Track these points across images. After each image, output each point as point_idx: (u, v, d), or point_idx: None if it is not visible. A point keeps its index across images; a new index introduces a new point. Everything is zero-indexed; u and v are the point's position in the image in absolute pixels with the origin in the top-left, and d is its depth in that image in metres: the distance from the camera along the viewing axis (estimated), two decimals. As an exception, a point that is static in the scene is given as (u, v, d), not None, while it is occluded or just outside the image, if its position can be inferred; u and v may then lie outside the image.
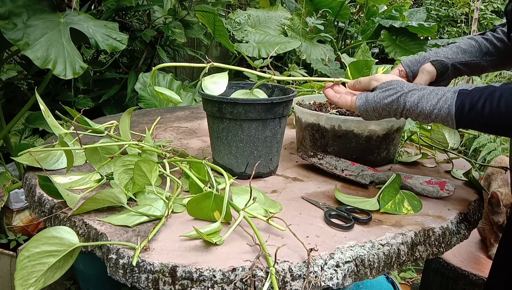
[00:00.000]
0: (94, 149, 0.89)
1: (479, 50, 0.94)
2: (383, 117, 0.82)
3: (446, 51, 0.95)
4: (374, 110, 0.81)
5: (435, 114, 0.74)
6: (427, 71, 0.92)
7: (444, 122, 0.75)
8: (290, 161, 1.06)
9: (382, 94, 0.80)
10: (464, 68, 0.95)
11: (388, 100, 0.79)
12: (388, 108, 0.79)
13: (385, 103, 0.79)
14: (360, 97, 0.83)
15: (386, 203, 0.81)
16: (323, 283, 0.62)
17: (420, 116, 0.76)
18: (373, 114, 0.82)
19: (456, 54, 0.94)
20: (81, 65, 1.43)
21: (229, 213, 0.71)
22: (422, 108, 0.75)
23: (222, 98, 0.86)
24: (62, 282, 1.79)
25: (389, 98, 0.79)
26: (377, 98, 0.81)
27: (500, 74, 3.53)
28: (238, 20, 3.32)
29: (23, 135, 2.01)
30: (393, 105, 0.78)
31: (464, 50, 0.95)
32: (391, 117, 0.81)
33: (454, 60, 0.94)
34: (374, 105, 0.81)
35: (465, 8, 6.89)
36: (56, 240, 0.64)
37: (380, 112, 0.81)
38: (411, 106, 0.76)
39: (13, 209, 1.81)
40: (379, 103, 0.80)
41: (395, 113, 0.79)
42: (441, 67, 0.92)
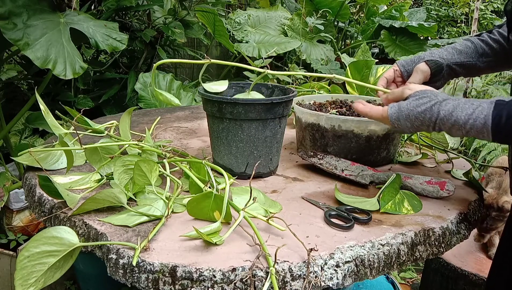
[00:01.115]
0: (94, 149, 0.89)
1: (475, 51, 0.94)
2: (415, 128, 0.78)
3: (441, 52, 0.95)
4: (406, 119, 0.77)
5: (470, 124, 0.71)
6: (421, 70, 0.92)
7: (479, 134, 0.71)
8: (290, 161, 1.06)
9: (416, 102, 0.77)
10: (460, 69, 0.95)
11: (421, 108, 0.76)
12: (421, 117, 0.76)
13: (418, 112, 0.76)
14: (393, 105, 0.80)
15: (386, 203, 0.81)
16: (323, 283, 0.62)
17: (454, 126, 0.73)
18: (405, 124, 0.78)
19: (452, 55, 0.94)
20: (81, 65, 1.43)
21: (229, 213, 0.71)
22: (456, 117, 0.72)
23: (222, 98, 0.86)
24: (62, 282, 1.79)
25: (422, 106, 0.76)
26: (410, 106, 0.77)
27: (500, 74, 3.54)
28: (238, 20, 3.32)
29: (23, 135, 2.01)
30: (427, 114, 0.75)
31: (459, 51, 0.95)
32: (423, 129, 0.77)
33: (449, 61, 0.94)
34: (407, 113, 0.77)
35: (465, 8, 6.89)
36: (56, 240, 0.64)
37: (412, 122, 0.77)
38: (445, 115, 0.73)
39: (13, 209, 1.81)
40: (412, 112, 0.76)
41: (428, 123, 0.76)
42: (435, 67, 0.92)
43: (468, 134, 0.72)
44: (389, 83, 0.98)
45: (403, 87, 0.83)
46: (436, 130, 0.76)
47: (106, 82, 2.41)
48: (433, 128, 0.76)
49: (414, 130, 0.79)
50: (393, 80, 0.99)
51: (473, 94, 3.08)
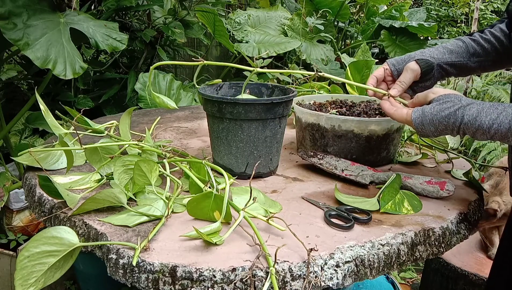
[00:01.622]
0: (94, 149, 0.89)
1: (466, 51, 0.94)
2: (439, 133, 0.79)
3: (432, 51, 0.95)
4: (430, 123, 0.78)
5: (495, 129, 0.71)
6: (411, 69, 0.92)
7: (503, 139, 0.72)
8: (290, 161, 1.06)
9: (439, 107, 0.78)
10: (451, 68, 0.95)
11: (445, 112, 0.76)
12: (445, 121, 0.76)
13: (442, 116, 0.76)
14: (416, 110, 0.80)
15: (386, 203, 0.81)
16: (323, 283, 0.62)
17: (478, 131, 0.73)
18: (429, 128, 0.79)
19: (443, 54, 0.94)
20: (81, 65, 1.43)
21: (229, 213, 0.71)
22: (480, 122, 0.73)
23: (222, 98, 0.86)
24: (62, 282, 1.79)
25: (446, 110, 0.76)
26: (434, 110, 0.78)
27: (500, 74, 3.54)
28: (238, 20, 3.31)
29: (23, 135, 2.01)
30: (451, 118, 0.76)
31: (450, 51, 0.94)
32: (447, 133, 0.78)
33: (440, 60, 0.93)
34: (431, 118, 0.78)
35: (465, 8, 6.89)
36: (56, 240, 0.64)
37: (436, 126, 0.78)
38: (469, 120, 0.74)
39: (13, 209, 1.81)
40: (436, 116, 0.77)
41: (452, 128, 0.76)
42: (425, 66, 0.92)
43: (493, 138, 0.73)
44: (379, 82, 0.98)
45: (426, 91, 0.84)
46: (460, 135, 0.77)
47: (106, 82, 2.41)
48: (457, 132, 0.76)
49: (438, 134, 0.79)
50: (383, 79, 0.98)
51: (473, 94, 3.08)
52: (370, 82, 0.96)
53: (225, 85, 1.04)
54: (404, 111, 0.83)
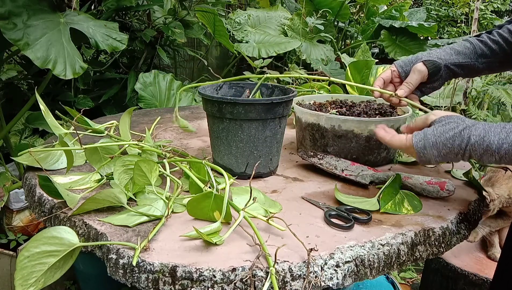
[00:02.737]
0: (94, 149, 0.89)
1: (473, 52, 0.93)
2: (442, 157, 0.73)
3: (439, 52, 0.94)
4: (433, 147, 0.73)
5: (505, 149, 0.66)
6: (419, 70, 0.92)
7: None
8: (290, 161, 1.06)
9: (443, 128, 0.73)
10: (458, 69, 0.94)
11: (449, 134, 0.71)
12: (450, 143, 0.71)
13: (446, 138, 0.71)
14: (417, 133, 0.75)
15: (386, 203, 0.81)
16: (323, 283, 0.62)
17: (487, 152, 0.68)
18: (432, 152, 0.73)
19: (450, 55, 0.93)
20: (81, 65, 1.43)
21: (229, 213, 0.71)
22: (489, 142, 0.68)
23: (222, 98, 0.86)
24: (62, 282, 1.79)
25: (450, 131, 0.71)
26: (436, 132, 0.73)
27: (500, 74, 3.54)
28: (238, 20, 3.31)
29: (23, 135, 2.01)
30: (456, 140, 0.71)
31: (458, 52, 0.94)
32: (451, 157, 0.72)
33: (447, 61, 0.93)
34: (434, 140, 0.72)
35: (465, 8, 6.89)
36: (56, 240, 0.64)
37: (440, 149, 0.72)
38: (477, 140, 0.69)
39: (13, 209, 1.81)
40: (439, 138, 0.72)
41: (458, 151, 0.71)
42: (433, 67, 0.91)
43: (502, 160, 0.68)
44: (386, 84, 0.98)
45: (426, 115, 0.80)
46: (465, 159, 0.72)
47: (106, 82, 2.41)
48: (463, 155, 0.71)
49: (441, 159, 0.74)
50: (391, 80, 0.98)
51: (473, 94, 3.08)
52: (377, 83, 0.96)
53: (225, 85, 1.04)
54: (402, 136, 0.78)
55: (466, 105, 2.98)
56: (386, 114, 1.06)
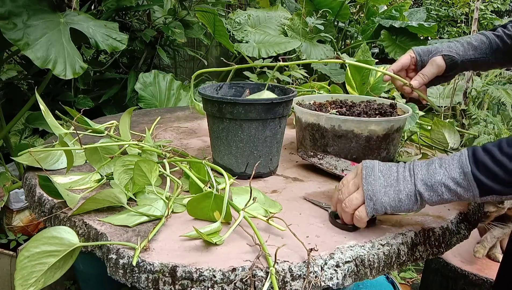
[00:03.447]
0: (94, 149, 0.89)
1: (489, 47, 0.93)
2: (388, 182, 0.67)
3: (458, 47, 0.93)
4: (380, 170, 0.68)
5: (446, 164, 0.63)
6: (437, 64, 0.91)
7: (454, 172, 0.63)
8: (290, 161, 1.06)
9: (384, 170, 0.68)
10: (472, 65, 0.94)
11: (386, 165, 0.68)
12: (391, 170, 0.67)
13: (386, 168, 0.68)
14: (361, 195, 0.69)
15: (386, 203, 0.81)
16: (323, 283, 0.62)
17: (429, 165, 0.65)
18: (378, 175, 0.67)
19: (467, 51, 0.93)
20: (81, 65, 1.43)
21: (229, 213, 0.71)
22: (429, 161, 0.65)
23: (222, 98, 0.86)
24: (62, 282, 1.79)
25: (392, 167, 0.68)
26: (378, 168, 0.69)
27: (500, 74, 3.54)
28: (238, 20, 3.31)
29: (23, 135, 2.01)
30: (392, 166, 0.67)
31: (475, 47, 0.93)
32: (398, 188, 0.66)
33: (463, 57, 0.93)
34: (377, 174, 0.67)
35: (465, 8, 6.89)
36: (56, 240, 0.64)
37: (384, 172, 0.67)
38: (418, 164, 0.66)
39: (13, 209, 1.81)
40: (381, 172, 0.67)
41: (402, 175, 0.66)
42: (451, 63, 0.91)
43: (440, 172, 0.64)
44: (401, 70, 0.96)
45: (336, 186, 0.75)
46: (406, 174, 0.66)
47: (106, 82, 2.41)
48: (407, 169, 0.67)
49: (392, 193, 0.66)
50: (408, 67, 0.96)
51: (473, 94, 3.08)
52: (394, 68, 0.94)
53: (225, 85, 1.04)
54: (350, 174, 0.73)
55: (466, 105, 2.98)
56: (386, 114, 1.06)
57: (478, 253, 1.36)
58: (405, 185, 0.66)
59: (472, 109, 2.74)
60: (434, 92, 3.60)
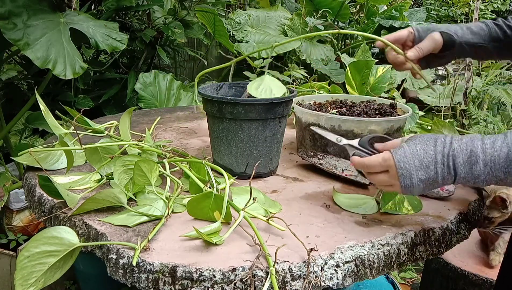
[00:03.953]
0: (94, 149, 0.89)
1: (488, 34, 0.92)
2: (424, 170, 0.66)
3: (456, 28, 0.93)
4: (414, 155, 0.67)
5: (490, 155, 0.62)
6: (434, 39, 0.89)
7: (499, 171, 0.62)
8: (290, 161, 1.06)
9: (422, 138, 0.69)
10: (470, 49, 0.93)
11: (430, 141, 0.67)
12: (432, 150, 0.66)
13: (427, 145, 0.67)
14: (395, 149, 0.70)
15: (386, 203, 0.81)
16: (323, 283, 0.62)
17: (470, 158, 0.64)
18: (413, 163, 0.67)
19: (466, 34, 0.92)
20: (81, 65, 1.43)
21: (229, 213, 0.71)
22: (473, 146, 0.64)
23: (222, 98, 0.86)
24: (62, 282, 1.79)
25: (431, 140, 0.68)
26: (417, 141, 0.69)
27: (500, 74, 3.54)
28: (238, 20, 3.31)
29: (23, 135, 2.01)
30: (437, 145, 0.66)
31: (473, 32, 0.93)
32: (433, 171, 0.66)
33: (462, 39, 0.92)
34: (414, 148, 0.67)
35: (465, 8, 6.89)
36: (56, 240, 0.64)
37: (421, 158, 0.66)
38: (459, 145, 0.65)
39: (13, 209, 1.81)
40: (420, 145, 0.67)
41: (440, 159, 0.65)
42: (448, 40, 0.90)
43: (486, 170, 0.63)
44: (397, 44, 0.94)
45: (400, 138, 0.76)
46: (450, 172, 0.65)
47: (106, 82, 2.41)
48: (447, 166, 0.65)
49: (423, 174, 0.67)
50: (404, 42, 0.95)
51: (473, 94, 3.08)
52: (390, 38, 0.93)
53: (225, 85, 1.04)
54: (379, 155, 0.72)
55: (466, 105, 2.98)
56: (386, 114, 1.06)
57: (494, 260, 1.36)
58: (445, 183, 0.67)
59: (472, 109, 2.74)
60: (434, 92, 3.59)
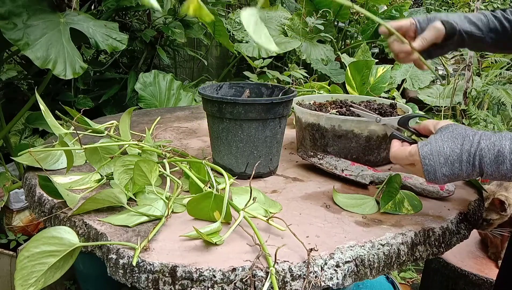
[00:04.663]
0: (94, 149, 0.89)
1: (486, 25, 0.92)
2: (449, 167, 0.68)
3: (454, 17, 0.92)
4: (440, 152, 0.68)
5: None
6: (437, 28, 0.88)
7: None
8: (290, 161, 1.06)
9: (451, 134, 0.69)
10: (468, 39, 0.92)
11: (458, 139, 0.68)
12: (458, 148, 0.67)
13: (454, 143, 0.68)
14: (423, 143, 0.71)
15: (386, 203, 0.81)
16: (323, 283, 0.62)
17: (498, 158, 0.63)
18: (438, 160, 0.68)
19: (464, 23, 0.92)
20: (81, 65, 1.43)
21: (229, 213, 0.71)
22: (500, 146, 0.63)
23: (222, 98, 0.86)
24: (62, 282, 1.79)
25: (459, 136, 0.68)
26: (444, 137, 0.69)
27: (500, 74, 3.54)
28: (238, 20, 3.31)
29: (23, 135, 2.01)
30: (465, 143, 0.67)
31: (471, 21, 0.92)
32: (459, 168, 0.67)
33: (461, 27, 0.91)
34: (441, 145, 0.68)
35: (465, 8, 6.89)
36: (56, 240, 0.64)
37: (447, 155, 0.67)
38: (487, 145, 0.64)
39: (13, 209, 1.81)
40: (447, 142, 0.68)
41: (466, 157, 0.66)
42: (450, 29, 0.89)
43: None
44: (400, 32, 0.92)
45: (436, 121, 0.77)
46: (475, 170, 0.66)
47: (106, 82, 2.41)
48: (472, 164, 0.66)
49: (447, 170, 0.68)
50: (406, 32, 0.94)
51: (473, 94, 3.08)
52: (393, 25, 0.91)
53: (225, 85, 1.04)
54: (407, 147, 0.74)
55: (466, 105, 2.98)
56: (386, 114, 1.06)
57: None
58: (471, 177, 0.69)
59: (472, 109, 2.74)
60: (434, 92, 3.59)
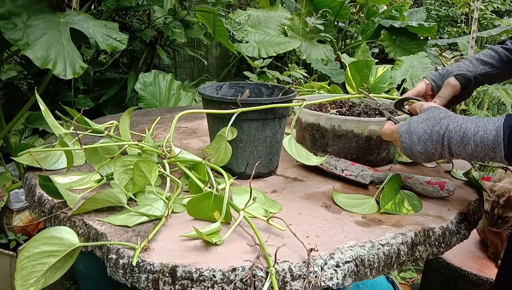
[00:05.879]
0: (94, 149, 0.89)
1: (499, 60, 0.96)
2: (423, 146, 0.76)
3: (467, 64, 0.97)
4: (414, 132, 0.76)
5: (480, 137, 0.68)
6: (452, 85, 0.94)
7: (489, 151, 0.68)
8: (290, 161, 1.06)
9: (426, 116, 0.77)
10: (485, 79, 0.97)
11: (431, 121, 0.75)
12: (430, 129, 0.75)
13: (427, 124, 0.75)
14: (402, 123, 0.81)
15: (386, 203, 0.81)
16: (323, 283, 0.62)
17: (463, 140, 0.70)
18: (412, 138, 0.76)
19: (477, 67, 0.96)
20: (81, 65, 1.43)
21: (229, 213, 0.71)
22: (466, 129, 0.70)
23: (222, 98, 0.86)
24: (62, 282, 1.79)
25: (432, 119, 0.75)
26: (420, 118, 0.77)
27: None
28: (238, 20, 3.31)
29: (23, 135, 2.01)
30: (435, 126, 0.74)
31: (484, 62, 0.97)
32: (429, 146, 0.75)
33: (475, 73, 0.96)
34: (416, 126, 0.76)
35: (465, 8, 6.89)
36: (56, 240, 0.64)
37: (420, 135, 0.76)
38: (454, 127, 0.72)
39: (13, 209, 1.81)
40: (421, 124, 0.76)
41: (436, 138, 0.74)
42: (464, 81, 0.94)
43: (477, 151, 0.69)
44: (419, 96, 1.00)
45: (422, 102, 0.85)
46: (445, 150, 0.74)
47: (106, 82, 2.41)
48: (442, 145, 0.74)
49: (421, 148, 0.76)
50: (424, 93, 1.01)
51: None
52: (411, 94, 0.99)
53: (225, 85, 1.04)
54: (393, 126, 0.83)
55: (466, 105, 2.98)
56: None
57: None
58: (444, 156, 0.76)
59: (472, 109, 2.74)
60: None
